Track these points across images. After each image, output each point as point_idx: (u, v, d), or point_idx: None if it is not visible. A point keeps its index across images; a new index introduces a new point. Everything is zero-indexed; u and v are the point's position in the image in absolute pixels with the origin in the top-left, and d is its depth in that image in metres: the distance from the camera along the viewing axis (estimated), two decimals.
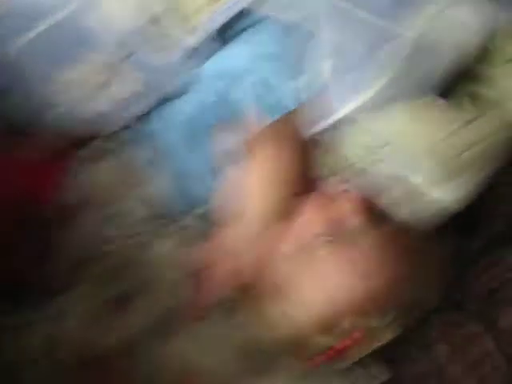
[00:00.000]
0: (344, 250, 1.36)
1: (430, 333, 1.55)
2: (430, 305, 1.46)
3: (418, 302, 1.43)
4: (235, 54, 1.47)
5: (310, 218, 1.39)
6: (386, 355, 1.48)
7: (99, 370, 1.42)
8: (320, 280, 1.37)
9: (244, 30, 1.47)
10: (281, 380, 1.46)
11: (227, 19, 1.43)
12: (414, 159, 1.36)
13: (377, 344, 1.39)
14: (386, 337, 1.39)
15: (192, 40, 1.44)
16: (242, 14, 1.43)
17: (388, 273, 1.35)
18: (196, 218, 1.51)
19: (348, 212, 1.37)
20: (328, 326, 1.37)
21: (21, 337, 1.42)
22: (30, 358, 1.41)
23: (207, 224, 1.50)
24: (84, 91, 1.50)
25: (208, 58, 1.48)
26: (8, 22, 1.45)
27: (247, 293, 1.43)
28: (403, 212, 1.36)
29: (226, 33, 1.46)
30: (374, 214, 1.38)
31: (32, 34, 1.45)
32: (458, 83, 1.37)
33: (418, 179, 1.37)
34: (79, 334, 1.43)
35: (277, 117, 1.43)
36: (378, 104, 1.33)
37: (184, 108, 1.50)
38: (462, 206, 1.40)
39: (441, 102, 1.34)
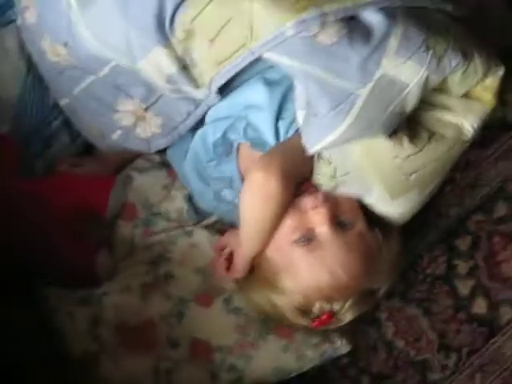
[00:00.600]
0: (314, 251, 1.53)
1: (380, 315, 1.80)
2: (381, 293, 1.62)
3: (372, 291, 1.61)
4: (231, 105, 1.64)
5: (289, 228, 1.54)
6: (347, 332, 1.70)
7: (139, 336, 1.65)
8: (296, 274, 1.54)
9: (238, 86, 1.63)
10: (270, 351, 1.67)
11: (225, 81, 1.57)
12: (368, 184, 1.56)
13: (340, 323, 1.59)
14: (347, 318, 1.58)
15: (199, 95, 1.62)
16: (236, 74, 1.56)
17: (349, 269, 1.51)
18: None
19: (317, 223, 1.52)
20: (303, 310, 1.57)
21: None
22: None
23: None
24: (120, 130, 1.73)
25: (210, 107, 1.66)
26: (70, 72, 1.66)
27: (244, 282, 1.65)
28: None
29: (225, 89, 1.61)
30: (338, 223, 1.53)
31: (86, 83, 1.68)
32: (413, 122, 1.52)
33: (371, 199, 1.58)
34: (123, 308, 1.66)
35: (262, 151, 1.60)
36: (339, 143, 1.48)
37: (193, 145, 1.71)
38: (408, 217, 1.64)
39: (387, 140, 1.48)
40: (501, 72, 1.53)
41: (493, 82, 1.54)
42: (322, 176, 1.57)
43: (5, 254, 1.64)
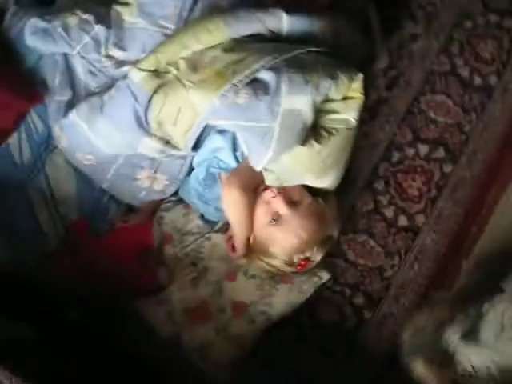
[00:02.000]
0: (282, 226, 1.59)
1: (342, 247, 1.82)
2: (335, 236, 1.69)
3: (329, 237, 1.66)
4: (205, 153, 1.69)
5: (262, 215, 1.61)
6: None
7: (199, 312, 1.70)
8: (277, 242, 1.61)
9: (204, 140, 1.67)
10: (281, 294, 1.72)
11: (192, 143, 1.64)
12: (300, 176, 1.62)
13: (316, 262, 1.66)
14: (319, 258, 1.65)
15: (183, 153, 1.68)
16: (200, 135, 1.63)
17: (307, 229, 1.59)
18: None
19: (279, 207, 1.59)
20: (288, 262, 1.64)
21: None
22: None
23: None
24: (144, 190, 1.77)
25: (193, 158, 1.71)
26: (100, 166, 1.72)
27: (248, 253, 1.67)
28: None
29: (197, 145, 1.67)
30: (292, 203, 1.59)
31: (112, 171, 1.73)
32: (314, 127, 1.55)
33: (307, 182, 1.63)
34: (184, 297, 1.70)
35: (230, 173, 1.66)
36: (273, 160, 1.54)
37: (191, 184, 1.75)
38: (336, 184, 1.68)
39: (301, 147, 1.53)
40: (360, 76, 1.57)
41: (357, 84, 1.58)
42: (270, 180, 1.61)
43: (99, 288, 1.69)
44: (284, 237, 1.61)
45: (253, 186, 1.64)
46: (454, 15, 1.98)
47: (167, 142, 1.67)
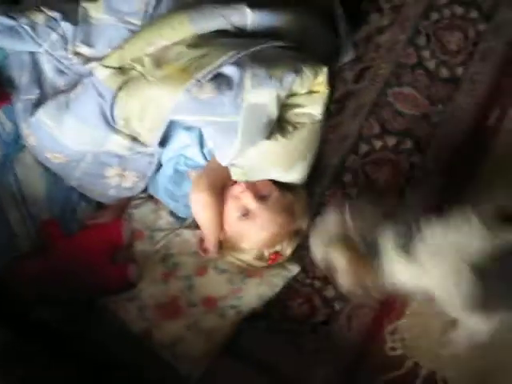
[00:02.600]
0: (251, 220, 1.62)
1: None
2: (304, 229, 1.68)
3: (298, 230, 1.67)
4: (171, 150, 1.72)
5: (231, 210, 1.64)
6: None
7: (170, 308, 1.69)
8: (247, 238, 1.65)
9: (171, 137, 1.70)
10: (251, 288, 1.72)
11: (159, 140, 1.65)
12: (267, 170, 1.64)
13: (286, 256, 1.69)
14: (289, 251, 1.68)
15: (150, 150, 1.71)
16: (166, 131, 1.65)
17: (275, 223, 1.62)
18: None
19: (247, 202, 1.61)
20: (258, 257, 1.67)
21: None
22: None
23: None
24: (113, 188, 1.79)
25: (160, 155, 1.73)
26: (69, 164, 1.72)
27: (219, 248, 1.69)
28: None
29: (164, 141, 1.69)
30: (260, 197, 1.62)
31: (81, 169, 1.74)
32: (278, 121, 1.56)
33: (274, 176, 1.65)
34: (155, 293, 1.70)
35: (199, 170, 1.69)
36: (240, 154, 1.56)
37: (159, 179, 1.77)
38: (304, 177, 1.68)
39: (267, 141, 1.56)
40: (325, 70, 1.56)
41: (322, 78, 1.58)
42: (237, 175, 1.63)
43: (70, 287, 1.69)
44: (253, 231, 1.63)
45: (221, 183, 1.66)
46: (421, 7, 1.98)
47: (135, 139, 1.67)
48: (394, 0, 1.98)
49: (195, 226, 1.76)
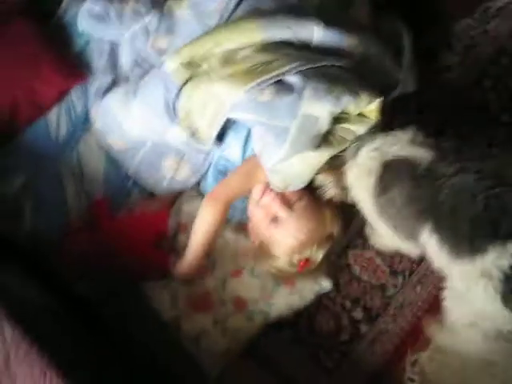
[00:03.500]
0: (280, 227, 1.63)
1: (349, 261, 1.82)
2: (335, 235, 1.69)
3: (328, 235, 1.67)
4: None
5: (260, 218, 1.66)
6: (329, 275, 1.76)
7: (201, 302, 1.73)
8: (277, 244, 1.65)
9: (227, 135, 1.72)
10: (282, 296, 1.75)
11: (219, 136, 1.68)
12: (308, 179, 1.62)
13: (317, 262, 1.67)
14: (319, 257, 1.66)
15: (207, 148, 1.75)
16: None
17: (303, 230, 1.62)
18: None
19: (276, 209, 1.63)
20: (288, 263, 1.66)
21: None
22: None
23: None
24: (167, 179, 1.83)
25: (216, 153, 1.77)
26: (129, 151, 1.80)
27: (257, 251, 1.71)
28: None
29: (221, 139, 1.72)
30: (289, 203, 1.63)
31: (140, 156, 1.81)
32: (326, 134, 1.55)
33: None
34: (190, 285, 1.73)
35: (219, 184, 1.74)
36: (284, 160, 1.56)
37: (208, 178, 1.82)
38: None
39: (314, 151, 1.55)
40: (379, 100, 1.56)
41: (375, 107, 1.57)
42: (276, 182, 1.64)
43: (112, 267, 1.72)
44: (282, 238, 1.65)
45: (239, 196, 1.70)
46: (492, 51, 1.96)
47: (193, 134, 1.71)
48: (466, 41, 1.97)
49: (237, 228, 1.80)
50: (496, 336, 1.35)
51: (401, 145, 1.44)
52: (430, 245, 1.38)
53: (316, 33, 1.63)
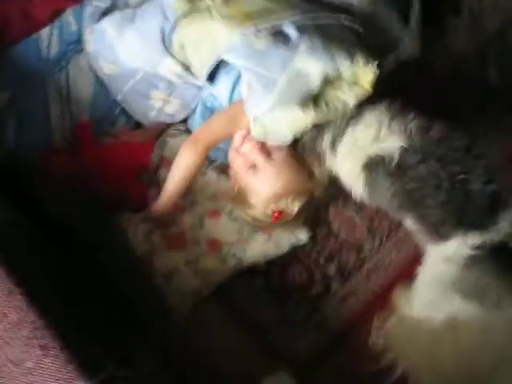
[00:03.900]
0: (258, 174, 1.61)
1: (328, 217, 1.82)
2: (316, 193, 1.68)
3: (304, 187, 1.65)
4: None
5: (239, 164, 1.65)
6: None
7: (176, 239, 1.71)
8: (253, 191, 1.64)
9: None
10: (258, 242, 1.74)
11: (212, 74, 1.65)
12: (289, 137, 1.60)
13: (292, 214, 1.65)
14: (294, 209, 1.65)
15: (199, 83, 1.70)
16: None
17: (280, 180, 1.61)
18: None
19: (255, 156, 1.61)
20: (263, 212, 1.65)
21: None
22: None
23: None
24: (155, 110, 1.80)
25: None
26: (119, 78, 1.76)
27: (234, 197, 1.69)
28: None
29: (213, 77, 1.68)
30: (268, 152, 1.61)
31: (130, 84, 1.77)
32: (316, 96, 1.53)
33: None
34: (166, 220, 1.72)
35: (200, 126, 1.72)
36: (269, 111, 1.54)
37: (196, 115, 1.80)
38: None
39: (299, 109, 1.52)
40: (374, 68, 1.52)
41: (371, 75, 1.53)
42: (257, 132, 1.61)
43: (91, 193, 1.70)
44: (258, 186, 1.63)
45: (220, 140, 1.68)
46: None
47: (187, 68, 1.67)
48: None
49: (221, 169, 1.79)
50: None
51: (372, 138, 1.48)
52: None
53: None
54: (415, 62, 1.78)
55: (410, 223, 1.49)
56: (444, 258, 1.39)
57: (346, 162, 1.56)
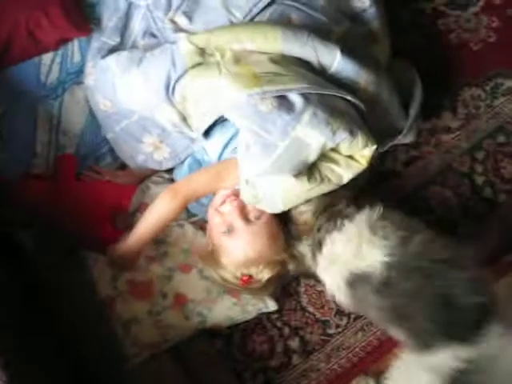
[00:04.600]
0: (233, 238, 1.58)
1: (299, 289, 1.77)
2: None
3: (277, 259, 1.61)
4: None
5: (216, 223, 1.62)
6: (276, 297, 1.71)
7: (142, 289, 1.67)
8: (226, 253, 1.60)
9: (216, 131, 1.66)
10: (225, 305, 1.69)
11: (205, 129, 1.63)
12: (278, 205, 1.58)
13: (262, 281, 1.61)
14: (264, 277, 1.60)
15: (194, 135, 1.69)
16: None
17: (258, 246, 1.58)
18: None
19: (234, 220, 1.58)
20: (233, 274, 1.61)
21: None
22: None
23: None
24: (143, 155, 1.77)
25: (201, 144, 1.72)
26: (113, 116, 1.73)
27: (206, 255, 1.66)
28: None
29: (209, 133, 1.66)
30: (247, 217, 1.59)
31: (123, 125, 1.74)
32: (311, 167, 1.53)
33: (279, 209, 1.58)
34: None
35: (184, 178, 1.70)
36: (263, 175, 1.52)
37: (183, 169, 1.77)
38: None
39: (292, 178, 1.51)
40: (374, 148, 1.54)
41: (368, 153, 1.55)
42: (247, 196, 1.60)
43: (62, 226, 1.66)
44: (232, 249, 1.61)
45: (201, 196, 1.67)
46: (492, 125, 1.96)
47: (184, 119, 1.66)
48: (471, 109, 1.97)
49: (201, 224, 1.75)
50: None
51: (353, 253, 1.47)
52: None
53: (337, 60, 1.59)
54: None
55: (395, 332, 1.48)
56: (428, 367, 1.36)
57: (328, 275, 1.56)
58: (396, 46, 1.85)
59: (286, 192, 1.55)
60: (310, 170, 1.55)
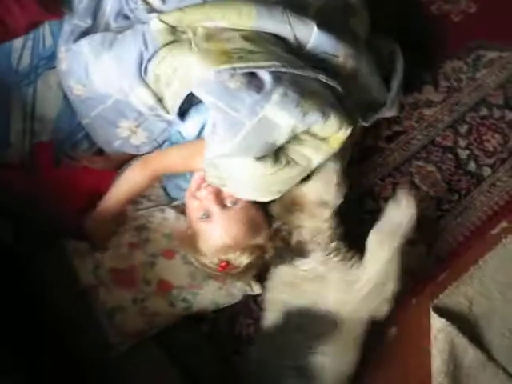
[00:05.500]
0: (210, 224, 1.56)
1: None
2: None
3: (254, 244, 1.57)
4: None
5: (193, 209, 1.59)
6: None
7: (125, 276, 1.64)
8: (203, 238, 1.57)
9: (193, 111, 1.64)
10: (210, 289, 1.67)
11: (183, 110, 1.60)
12: (242, 188, 1.55)
13: (240, 267, 1.57)
14: (243, 263, 1.56)
15: (170, 118, 1.63)
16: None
17: (234, 232, 1.55)
18: None
19: (210, 205, 1.55)
20: (211, 260, 1.58)
21: None
22: None
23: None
24: (120, 140, 1.73)
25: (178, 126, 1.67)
26: (88, 101, 1.68)
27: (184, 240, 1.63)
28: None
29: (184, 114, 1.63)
30: (223, 202, 1.56)
31: (98, 110, 1.69)
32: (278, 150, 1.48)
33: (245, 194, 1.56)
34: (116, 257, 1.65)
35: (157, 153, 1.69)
36: (227, 156, 1.47)
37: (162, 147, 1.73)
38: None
39: (255, 160, 1.46)
40: (349, 131, 1.49)
41: (342, 136, 1.50)
42: (211, 177, 1.57)
43: (40, 213, 1.63)
44: (209, 234, 1.57)
45: (171, 172, 1.67)
46: (475, 98, 1.94)
47: (159, 100, 1.61)
48: (452, 82, 1.94)
49: (182, 209, 1.70)
50: None
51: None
52: None
53: (314, 35, 1.54)
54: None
55: None
56: None
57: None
58: (375, 19, 1.80)
59: (248, 173, 1.50)
60: (275, 153, 1.49)
